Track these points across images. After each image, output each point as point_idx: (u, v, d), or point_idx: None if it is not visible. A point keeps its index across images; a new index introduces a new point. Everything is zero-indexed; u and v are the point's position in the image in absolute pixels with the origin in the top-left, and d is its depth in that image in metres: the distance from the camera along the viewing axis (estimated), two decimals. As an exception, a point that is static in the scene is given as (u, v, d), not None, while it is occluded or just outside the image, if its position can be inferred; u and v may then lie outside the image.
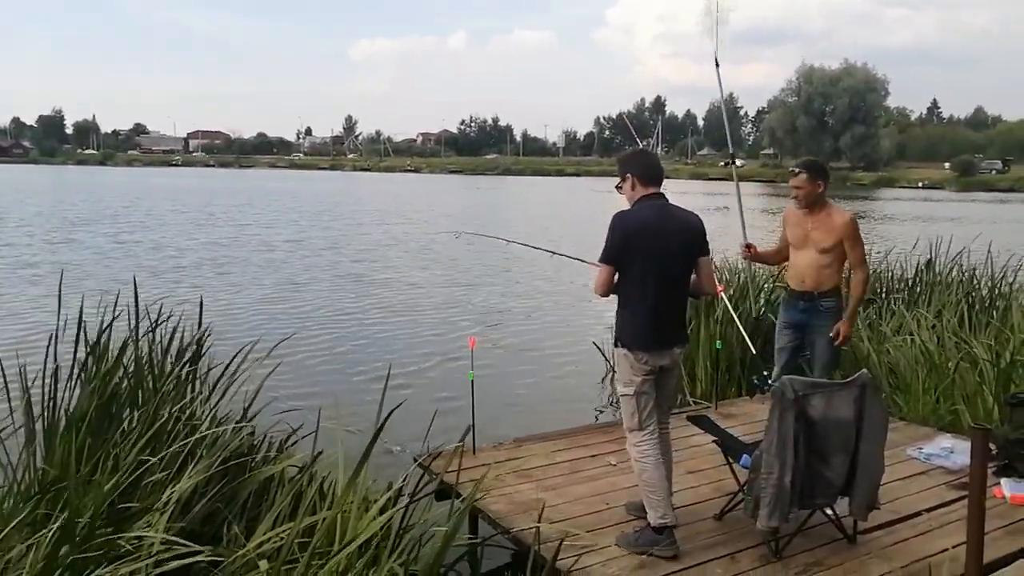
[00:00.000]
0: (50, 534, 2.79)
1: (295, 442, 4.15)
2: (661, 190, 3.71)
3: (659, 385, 3.71)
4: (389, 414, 3.55)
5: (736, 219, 6.39)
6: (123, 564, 2.83)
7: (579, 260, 3.82)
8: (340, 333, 10.14)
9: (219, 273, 14.92)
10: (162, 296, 9.30)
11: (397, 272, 15.79)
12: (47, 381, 4.07)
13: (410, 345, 9.54)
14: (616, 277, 3.63)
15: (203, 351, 4.82)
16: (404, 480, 3.59)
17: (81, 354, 4.37)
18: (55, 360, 4.14)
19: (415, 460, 4.27)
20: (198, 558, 2.93)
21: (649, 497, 3.56)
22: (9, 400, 4.05)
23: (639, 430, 3.63)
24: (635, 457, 3.64)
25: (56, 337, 4.26)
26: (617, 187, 3.76)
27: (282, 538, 2.97)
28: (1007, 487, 4.19)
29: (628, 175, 3.68)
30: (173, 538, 2.95)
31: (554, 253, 6.34)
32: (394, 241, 21.56)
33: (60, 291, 4.71)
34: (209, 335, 4.94)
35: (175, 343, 4.82)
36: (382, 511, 3.17)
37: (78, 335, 4.48)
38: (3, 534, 2.94)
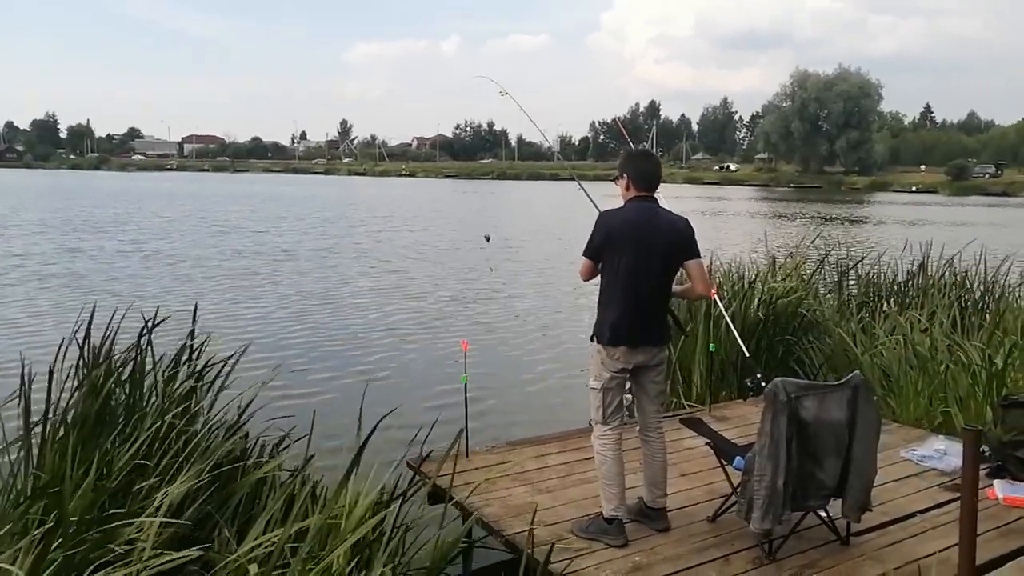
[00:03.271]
0: (35, 537, 2.77)
1: (287, 446, 4.14)
2: (655, 195, 3.74)
3: (639, 384, 3.78)
4: (382, 418, 3.56)
5: (733, 224, 6.33)
6: (114, 569, 2.82)
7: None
8: (335, 337, 10.12)
9: (225, 281, 14.79)
10: (163, 301, 9.29)
11: (393, 278, 15.78)
12: (50, 387, 4.04)
13: (404, 349, 9.52)
14: (599, 271, 3.70)
15: (200, 357, 4.79)
16: (396, 483, 3.58)
17: (80, 360, 4.35)
18: (49, 367, 4.12)
19: (407, 463, 4.26)
20: (189, 558, 2.92)
21: (605, 489, 3.69)
22: (19, 405, 4.02)
23: (603, 424, 3.74)
24: (597, 449, 3.75)
25: (67, 344, 4.27)
26: (614, 179, 3.82)
27: (273, 542, 2.96)
28: (1000, 488, 4.21)
29: (625, 174, 3.74)
30: (171, 521, 2.93)
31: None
32: (393, 247, 21.51)
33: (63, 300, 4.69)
34: (207, 341, 4.92)
35: (172, 349, 4.80)
36: (374, 514, 3.16)
37: (93, 342, 4.46)
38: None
